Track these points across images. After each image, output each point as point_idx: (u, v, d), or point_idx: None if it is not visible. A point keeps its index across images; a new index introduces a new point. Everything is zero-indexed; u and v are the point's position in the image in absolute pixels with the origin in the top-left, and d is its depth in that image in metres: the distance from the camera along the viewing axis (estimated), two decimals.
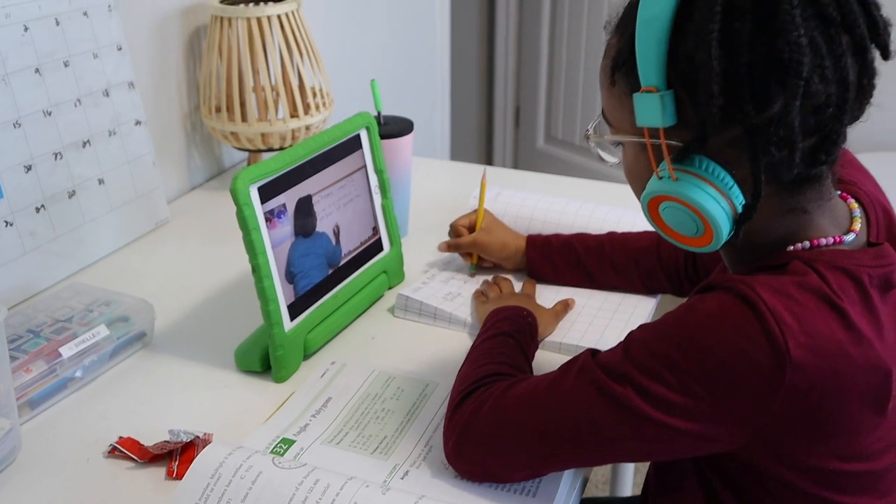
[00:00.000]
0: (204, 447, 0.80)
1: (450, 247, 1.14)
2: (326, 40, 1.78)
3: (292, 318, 0.95)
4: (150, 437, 0.84)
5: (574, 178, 1.52)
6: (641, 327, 0.69)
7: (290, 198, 0.95)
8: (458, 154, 3.30)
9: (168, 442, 0.81)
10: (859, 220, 0.71)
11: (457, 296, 1.09)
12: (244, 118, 1.34)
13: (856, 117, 0.65)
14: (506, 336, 0.88)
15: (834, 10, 0.61)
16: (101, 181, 1.21)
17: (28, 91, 1.09)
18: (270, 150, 1.38)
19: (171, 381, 0.95)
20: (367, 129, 1.07)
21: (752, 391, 0.62)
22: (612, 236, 1.09)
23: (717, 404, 0.63)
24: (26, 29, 1.09)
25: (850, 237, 0.69)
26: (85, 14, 1.17)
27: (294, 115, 1.37)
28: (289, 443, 0.81)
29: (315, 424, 0.84)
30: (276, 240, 0.93)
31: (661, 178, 0.66)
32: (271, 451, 0.80)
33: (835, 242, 0.68)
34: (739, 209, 0.65)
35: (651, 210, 0.69)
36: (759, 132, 0.61)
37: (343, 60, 1.88)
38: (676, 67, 0.62)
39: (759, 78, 0.60)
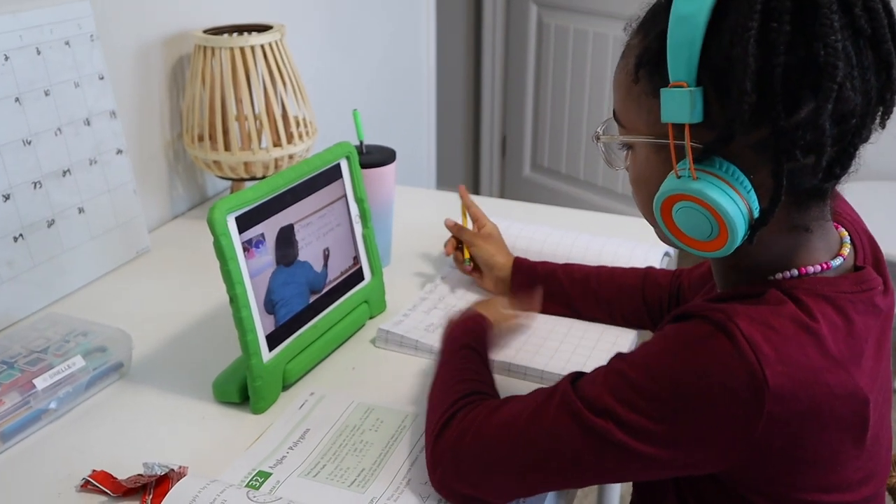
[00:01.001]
0: (178, 480, 0.79)
1: (452, 228, 1.18)
2: (311, 70, 1.79)
3: (271, 348, 0.94)
4: (125, 471, 0.83)
5: (559, 206, 1.52)
6: (620, 357, 0.69)
7: (269, 227, 0.94)
8: (444, 182, 3.31)
9: (142, 475, 0.80)
10: (848, 246, 0.71)
11: (439, 327, 1.08)
12: (227, 147, 1.34)
13: (867, 137, 0.65)
14: (468, 349, 0.88)
15: (866, 23, 0.61)
16: (80, 210, 1.20)
17: (7, 120, 1.09)
18: (253, 178, 1.38)
19: (147, 413, 0.94)
20: (348, 158, 1.07)
21: (732, 420, 0.61)
22: (599, 270, 1.09)
23: (697, 433, 0.63)
24: (6, 58, 1.09)
25: (837, 262, 0.70)
26: (67, 44, 1.17)
27: (277, 144, 1.36)
28: (265, 475, 0.80)
29: (292, 456, 0.83)
30: (254, 269, 0.92)
31: (679, 178, 0.64)
32: (247, 485, 0.79)
33: (822, 269, 0.69)
34: (756, 214, 0.64)
35: (664, 211, 0.67)
36: (786, 135, 0.60)
37: (328, 90, 1.89)
38: (709, 64, 0.61)
39: (793, 79, 0.60)
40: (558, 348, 1.03)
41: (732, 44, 0.60)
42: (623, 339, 1.05)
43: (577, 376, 0.71)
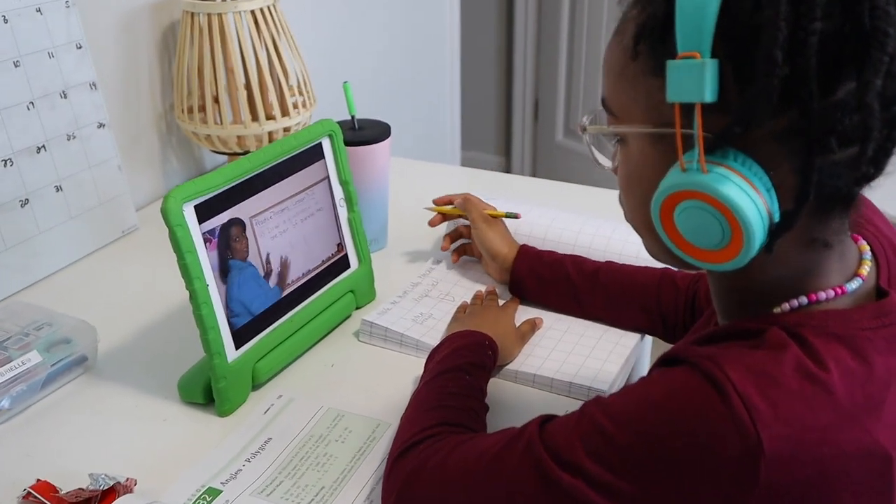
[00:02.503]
0: (124, 494, 0.73)
1: (466, 200, 1.08)
2: (315, 34, 1.70)
3: (238, 346, 0.87)
4: (73, 479, 0.77)
5: (590, 186, 1.39)
6: (597, 402, 0.59)
7: (234, 216, 0.86)
8: (475, 147, 3.21)
9: (83, 490, 0.74)
10: (868, 264, 0.59)
11: (428, 317, 1.00)
12: (217, 120, 1.26)
13: None
14: (459, 371, 0.79)
15: None
16: (58, 188, 1.14)
17: None
18: (247, 153, 1.30)
19: (107, 413, 0.88)
20: (331, 136, 0.99)
21: (720, 490, 0.51)
22: (610, 265, 0.99)
23: (677, 501, 0.53)
24: None
25: (854, 284, 0.58)
26: (38, 11, 1.09)
27: (271, 116, 1.28)
28: (214, 493, 0.73)
29: (248, 471, 0.76)
30: (217, 262, 0.85)
31: (685, 171, 0.53)
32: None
33: (836, 295, 0.57)
34: (776, 217, 0.52)
35: (664, 212, 0.55)
36: (820, 120, 0.49)
37: (335, 55, 1.80)
38: (727, 32, 0.49)
39: (831, 50, 0.48)
40: (553, 349, 0.94)
41: (759, 5, 0.49)
42: (626, 341, 0.95)
43: (547, 419, 0.62)
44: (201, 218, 0.83)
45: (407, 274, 1.12)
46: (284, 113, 1.29)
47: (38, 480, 0.77)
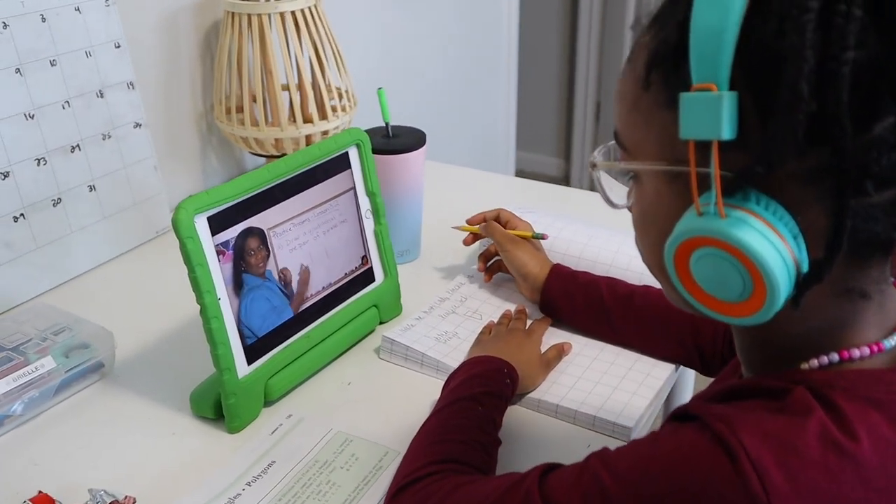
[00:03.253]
0: None
1: (488, 225, 1.04)
2: (363, 36, 1.67)
3: (250, 361, 0.85)
4: (74, 493, 0.75)
5: None
6: (602, 456, 0.54)
7: (251, 226, 0.84)
8: (532, 149, 3.15)
9: None
10: None
11: (452, 336, 0.96)
12: (254, 122, 1.24)
13: None
14: (472, 402, 0.75)
15: None
16: (92, 188, 1.13)
17: (7, 93, 1.02)
18: (283, 156, 1.28)
19: (118, 423, 0.86)
20: (358, 146, 0.96)
21: None
22: (646, 290, 0.93)
23: None
24: (5, 26, 1.01)
25: (894, 340, 0.52)
26: (77, 10, 1.09)
27: (309, 119, 1.26)
28: None
29: (247, 496, 0.73)
30: (230, 275, 0.82)
31: (701, 215, 0.48)
32: None
33: (871, 353, 0.51)
34: (804, 267, 0.47)
35: (679, 259, 0.50)
36: (854, 160, 0.44)
37: (387, 56, 1.77)
38: (747, 61, 0.45)
39: (865, 82, 0.43)
40: (580, 377, 0.89)
41: (783, 32, 0.43)
42: (659, 373, 0.90)
43: (549, 468, 0.58)
44: (215, 230, 0.80)
45: (437, 288, 1.08)
46: (323, 116, 1.27)
47: (40, 493, 0.75)
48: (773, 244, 0.46)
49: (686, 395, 1.26)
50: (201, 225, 0.79)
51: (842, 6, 0.42)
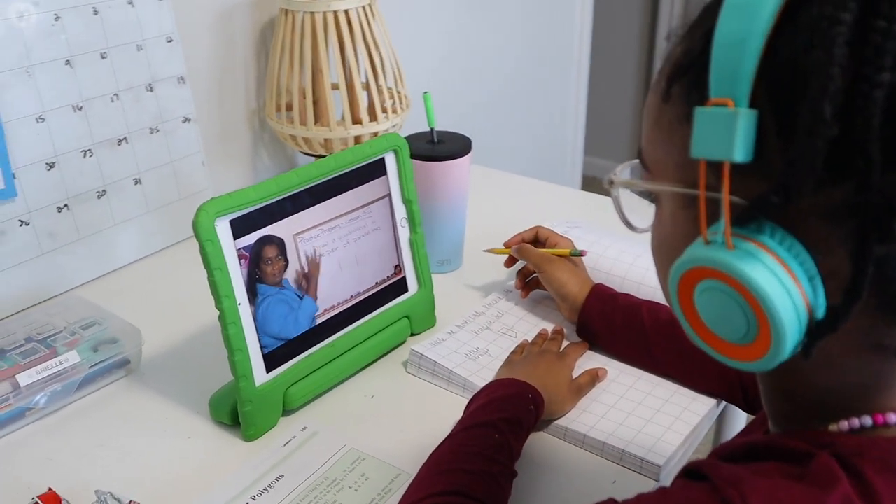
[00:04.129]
0: None
1: (521, 249, 1.00)
2: (425, 36, 1.64)
3: (269, 369, 0.83)
4: (82, 493, 0.75)
5: None
6: None
7: (269, 233, 0.82)
8: (601, 154, 3.08)
9: None
10: None
11: (483, 353, 0.93)
12: (302, 121, 1.23)
13: None
14: (489, 428, 0.71)
15: None
16: (137, 181, 1.13)
17: (56, 84, 1.03)
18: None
19: (136, 422, 0.85)
20: (396, 151, 0.93)
21: None
22: None
23: None
24: (57, 18, 1.02)
25: None
26: (130, 3, 1.09)
27: (358, 120, 1.24)
28: None
29: None
30: (246, 281, 0.80)
31: (708, 244, 0.43)
32: None
33: None
34: (819, 313, 0.42)
35: (682, 290, 0.46)
36: (881, 199, 0.39)
37: (447, 60, 1.74)
38: (771, 75, 0.40)
39: None
40: (612, 406, 0.85)
41: (809, 46, 0.39)
42: (698, 407, 0.84)
43: None
44: (237, 233, 0.79)
45: (474, 301, 1.04)
46: (373, 118, 1.24)
47: (49, 490, 0.75)
48: (781, 282, 0.41)
49: (736, 428, 1.19)
50: (223, 228, 0.77)
51: (881, 22, 0.37)
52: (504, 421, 0.73)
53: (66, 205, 1.06)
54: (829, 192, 0.40)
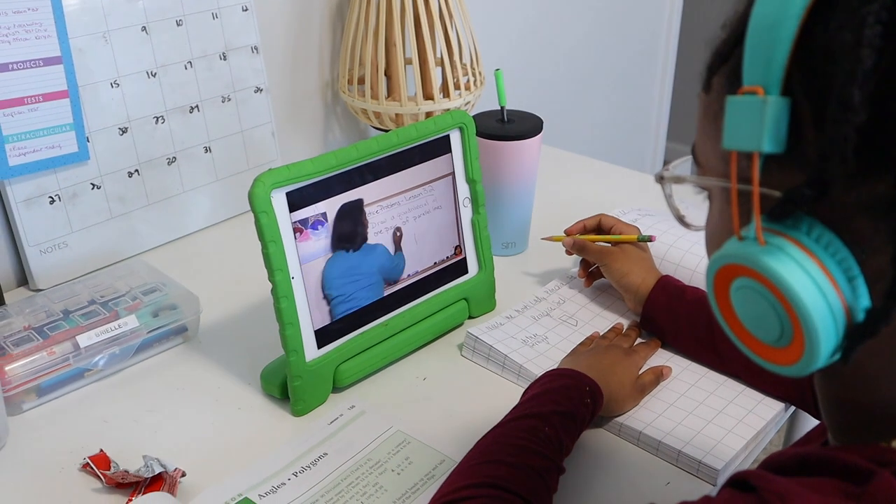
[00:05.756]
0: (170, 485, 0.70)
1: (576, 243, 0.95)
2: (505, 13, 1.60)
3: (321, 345, 0.82)
4: (131, 457, 0.75)
5: None
6: None
7: (333, 206, 0.81)
8: (685, 140, 2.97)
9: (128, 473, 0.72)
10: None
11: (541, 340, 0.90)
12: (374, 95, 1.21)
13: None
14: (540, 420, 0.69)
15: None
16: (207, 149, 1.14)
17: (131, 50, 1.03)
18: None
19: (189, 390, 0.86)
20: (461, 129, 0.90)
21: None
22: None
23: None
24: None
25: None
26: None
27: (429, 96, 1.21)
28: None
29: (290, 487, 0.70)
30: (308, 254, 0.79)
31: (742, 240, 0.42)
32: None
33: None
34: (859, 316, 0.40)
35: (718, 288, 0.44)
36: None
37: (526, 38, 1.70)
38: (807, 62, 0.38)
39: None
40: (672, 404, 0.81)
41: (842, 29, 0.36)
42: (763, 411, 0.80)
43: None
44: (293, 206, 0.78)
45: (536, 286, 1.02)
46: (446, 94, 1.22)
47: (100, 451, 0.76)
48: (814, 281, 0.39)
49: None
50: (279, 200, 0.76)
51: None
52: (557, 413, 0.70)
53: (136, 170, 1.07)
54: (871, 186, 0.37)
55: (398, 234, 0.86)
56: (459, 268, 0.94)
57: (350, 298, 0.83)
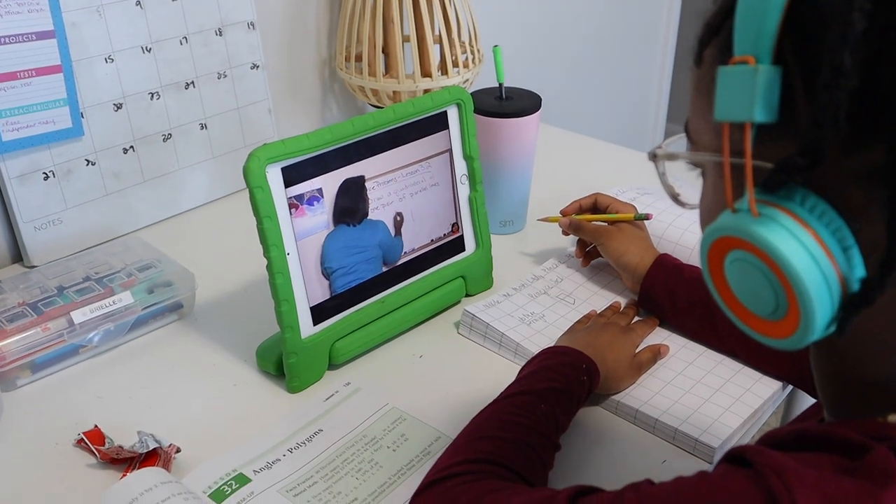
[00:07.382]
0: (164, 460, 0.70)
1: (572, 223, 0.95)
2: None
3: (317, 322, 0.81)
4: (125, 433, 0.75)
5: None
6: (639, 490, 0.47)
7: (329, 182, 0.80)
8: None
9: (122, 448, 0.71)
10: None
11: (538, 318, 0.90)
12: (372, 73, 1.20)
13: None
14: (536, 397, 0.68)
15: None
16: (203, 126, 1.13)
17: (126, 25, 1.02)
18: None
19: (184, 366, 0.85)
20: (459, 105, 0.89)
21: None
22: None
23: None
24: None
25: None
26: None
27: (427, 73, 1.20)
28: (243, 481, 0.68)
29: (285, 463, 0.70)
30: (303, 230, 0.79)
31: (735, 212, 0.41)
32: (215, 491, 0.67)
33: None
34: (854, 286, 0.39)
35: (712, 261, 0.43)
36: None
37: (526, 15, 1.68)
38: (796, 30, 0.38)
39: None
40: (669, 382, 0.81)
41: None
42: (761, 389, 0.79)
43: (582, 491, 0.51)
44: (288, 181, 0.77)
45: (534, 264, 1.01)
46: (444, 72, 1.21)
47: (95, 427, 0.76)
48: (807, 250, 0.38)
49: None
50: (274, 175, 0.76)
51: None
52: (553, 391, 0.70)
53: (131, 146, 1.06)
54: (864, 154, 0.37)
55: (399, 218, 0.86)
56: (456, 245, 0.93)
57: (352, 270, 0.83)
